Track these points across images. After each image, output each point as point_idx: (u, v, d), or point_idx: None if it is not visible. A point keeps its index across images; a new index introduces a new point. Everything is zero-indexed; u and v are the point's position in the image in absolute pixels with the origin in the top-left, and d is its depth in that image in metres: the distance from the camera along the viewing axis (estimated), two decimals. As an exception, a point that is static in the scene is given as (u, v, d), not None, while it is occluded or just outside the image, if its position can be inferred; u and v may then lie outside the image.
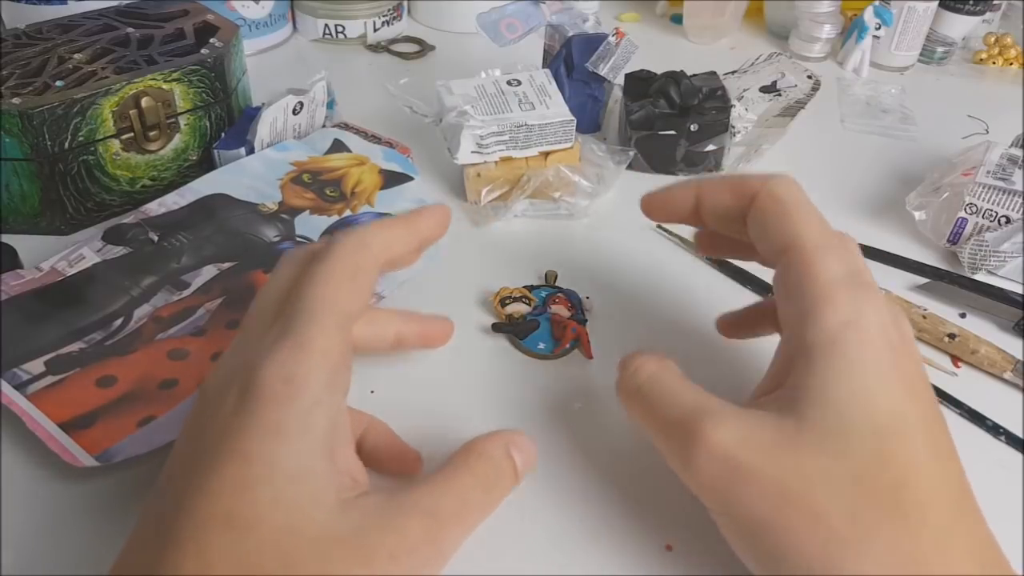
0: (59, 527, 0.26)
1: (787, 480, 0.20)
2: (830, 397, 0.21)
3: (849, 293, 0.22)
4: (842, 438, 0.20)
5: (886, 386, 0.21)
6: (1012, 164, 0.40)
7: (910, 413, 0.21)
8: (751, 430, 0.21)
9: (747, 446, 0.21)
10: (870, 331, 0.22)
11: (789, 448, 0.21)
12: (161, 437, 0.28)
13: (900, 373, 0.22)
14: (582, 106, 0.47)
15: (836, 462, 0.20)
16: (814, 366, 0.21)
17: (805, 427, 0.21)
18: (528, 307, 0.35)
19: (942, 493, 0.20)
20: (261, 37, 0.57)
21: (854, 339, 0.21)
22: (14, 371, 0.29)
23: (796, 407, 0.21)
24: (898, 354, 0.22)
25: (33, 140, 0.35)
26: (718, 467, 0.21)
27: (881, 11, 0.59)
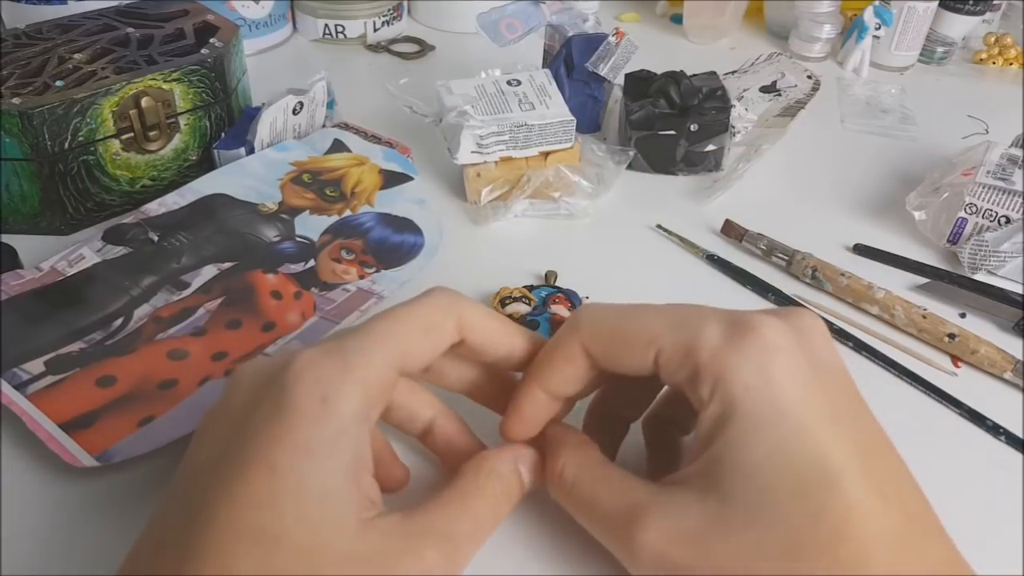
0: (59, 527, 0.26)
1: (724, 567, 0.20)
2: (747, 466, 0.20)
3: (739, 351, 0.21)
4: (768, 507, 0.20)
5: (804, 436, 0.20)
6: (1012, 164, 0.40)
7: (836, 455, 0.20)
8: (678, 522, 0.21)
9: (677, 542, 0.20)
10: (777, 383, 0.20)
11: (718, 533, 0.20)
12: (161, 437, 0.28)
13: (819, 413, 0.20)
14: (582, 106, 0.47)
15: (766, 534, 0.19)
16: (729, 439, 0.20)
17: (728, 505, 0.20)
18: (528, 307, 0.35)
19: (883, 532, 0.19)
20: (261, 37, 0.57)
21: (760, 399, 0.20)
22: (14, 371, 0.29)
23: (716, 483, 0.20)
24: (812, 392, 0.21)
25: (33, 140, 0.35)
26: (655, 568, 0.21)
27: (881, 11, 0.59)
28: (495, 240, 0.40)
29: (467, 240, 0.40)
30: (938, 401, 0.33)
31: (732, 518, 0.20)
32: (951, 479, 0.29)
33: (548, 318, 0.35)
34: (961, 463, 0.30)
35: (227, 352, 0.31)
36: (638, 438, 0.27)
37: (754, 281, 0.38)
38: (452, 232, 0.40)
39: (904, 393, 0.33)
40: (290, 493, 0.19)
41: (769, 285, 0.38)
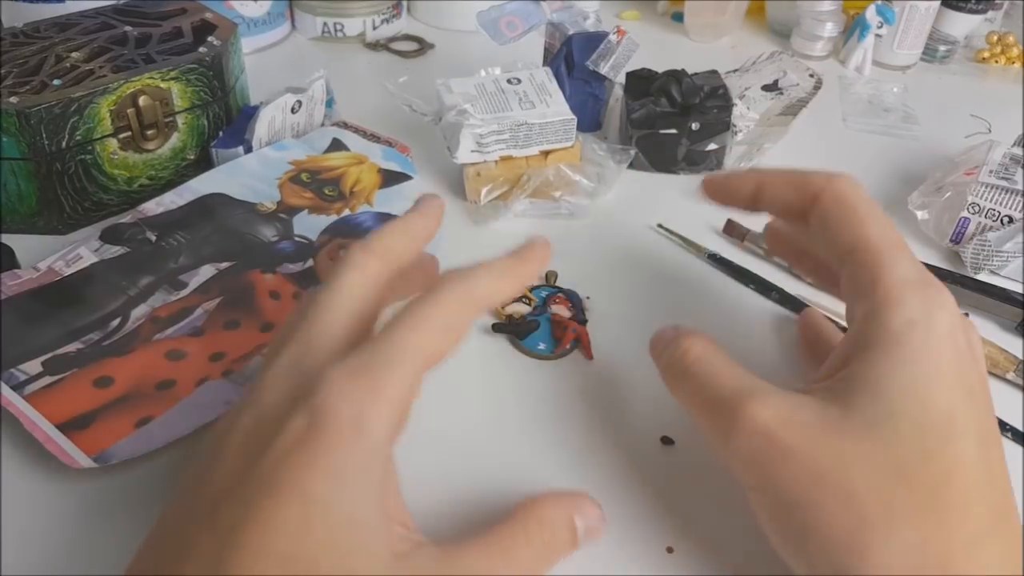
0: (56, 528, 0.25)
1: (825, 461, 0.20)
2: (883, 389, 0.21)
3: (920, 293, 0.22)
4: (888, 428, 0.20)
5: (943, 386, 0.21)
6: (1015, 163, 0.40)
7: (963, 416, 0.21)
8: (794, 411, 0.21)
9: (788, 425, 0.21)
10: (936, 332, 0.22)
11: (830, 431, 0.21)
12: (159, 438, 0.27)
13: (960, 377, 0.21)
14: (583, 105, 0.47)
15: (878, 450, 0.20)
16: (872, 359, 0.22)
17: (850, 413, 0.21)
18: (528, 307, 0.35)
19: (984, 498, 0.20)
20: (259, 35, 0.57)
21: (918, 337, 0.21)
22: (11, 371, 0.29)
23: (845, 396, 0.21)
24: (962, 359, 0.22)
25: (30, 139, 0.35)
26: (757, 443, 0.21)
27: (883, 9, 0.59)
28: (495, 240, 0.40)
29: (467, 240, 0.40)
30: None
31: (850, 425, 0.21)
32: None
33: (548, 318, 0.35)
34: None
35: (225, 352, 0.31)
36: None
37: (757, 281, 0.38)
38: (452, 232, 0.40)
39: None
40: (320, 519, 0.18)
41: (772, 284, 0.38)
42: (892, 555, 0.19)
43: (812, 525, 0.20)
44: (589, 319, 0.35)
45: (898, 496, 0.20)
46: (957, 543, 0.19)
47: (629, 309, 0.36)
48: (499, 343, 0.34)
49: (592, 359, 0.33)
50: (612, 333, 0.35)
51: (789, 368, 0.34)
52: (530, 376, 0.32)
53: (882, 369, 0.21)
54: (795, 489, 0.21)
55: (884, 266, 0.23)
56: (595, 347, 0.34)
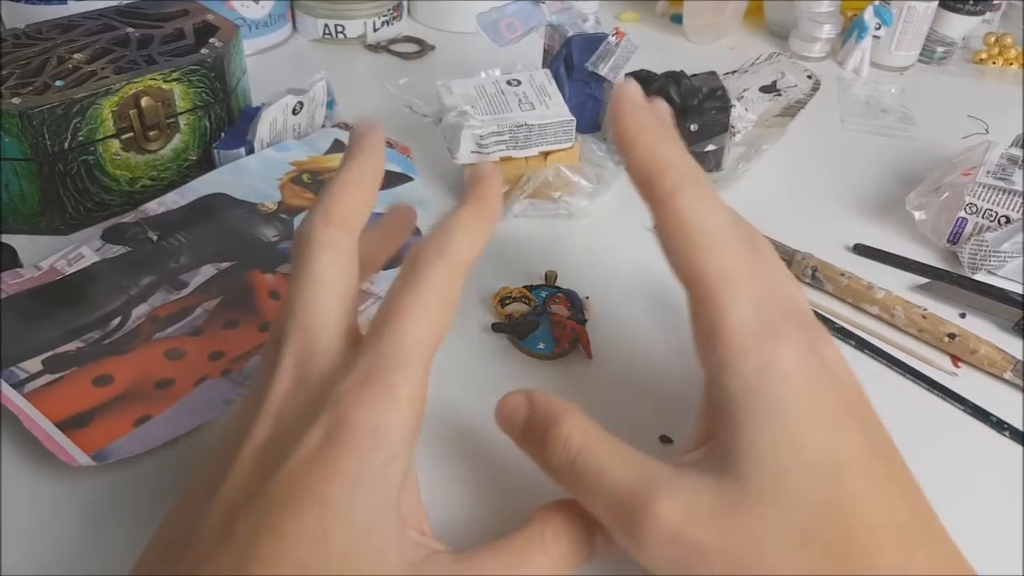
0: (54, 526, 0.26)
1: (738, 549, 0.20)
2: (759, 449, 0.20)
3: (758, 338, 0.21)
4: (781, 492, 0.20)
5: (811, 427, 0.20)
6: (1012, 164, 0.40)
7: (841, 450, 0.20)
8: (695, 499, 0.20)
9: (695, 519, 0.20)
10: (785, 373, 0.21)
11: (733, 514, 0.20)
12: (157, 437, 0.28)
13: (825, 409, 0.21)
14: (582, 106, 0.47)
15: (780, 519, 0.20)
16: (737, 419, 0.21)
17: (743, 486, 0.20)
18: (528, 307, 0.35)
19: (890, 527, 0.20)
20: (261, 37, 0.57)
21: (770, 386, 0.20)
22: (11, 369, 0.29)
23: (731, 465, 0.20)
24: (818, 387, 0.21)
25: (33, 140, 0.35)
26: (670, 546, 0.20)
27: (881, 11, 0.59)
28: (495, 240, 0.40)
29: (466, 240, 0.40)
30: (941, 398, 0.33)
31: (749, 499, 0.20)
32: (954, 476, 0.29)
33: (548, 318, 0.35)
34: (963, 460, 0.30)
35: (224, 352, 0.31)
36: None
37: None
38: (451, 232, 0.40)
39: (906, 390, 0.33)
40: (338, 527, 0.18)
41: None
42: None
43: None
44: (589, 319, 0.35)
45: (813, 563, 0.19)
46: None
47: (628, 309, 0.36)
48: (499, 343, 0.34)
49: (592, 358, 0.33)
50: (612, 333, 0.35)
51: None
52: (530, 376, 0.32)
53: (750, 429, 0.20)
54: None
55: (721, 311, 0.21)
56: (595, 347, 0.34)
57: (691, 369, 0.26)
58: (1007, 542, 0.27)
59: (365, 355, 0.20)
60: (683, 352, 0.34)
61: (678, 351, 0.34)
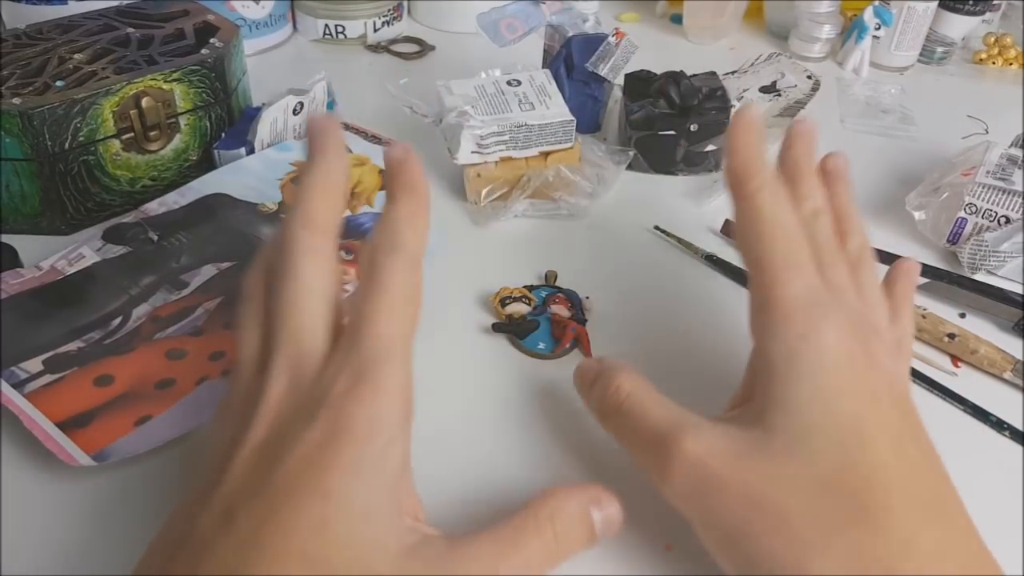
0: (55, 526, 0.26)
1: (756, 487, 0.21)
2: (791, 404, 0.22)
3: (807, 310, 0.23)
4: (806, 443, 0.21)
5: (844, 395, 0.22)
6: (1012, 164, 0.40)
7: (870, 421, 0.22)
8: (722, 441, 0.22)
9: (719, 456, 0.22)
10: (825, 343, 0.22)
11: (757, 456, 0.22)
12: (157, 437, 0.28)
13: (858, 383, 0.22)
14: (582, 106, 0.47)
15: (802, 467, 0.21)
16: (775, 377, 0.22)
17: (771, 435, 0.22)
18: (528, 307, 0.35)
19: (908, 496, 0.21)
20: (261, 37, 0.57)
21: (809, 350, 0.22)
22: (12, 369, 0.29)
23: (762, 417, 0.22)
24: (856, 367, 0.22)
25: (33, 140, 0.35)
26: (693, 477, 0.22)
27: (881, 11, 0.59)
28: (495, 240, 0.40)
29: (467, 240, 0.40)
30: (941, 398, 0.33)
31: (774, 447, 0.22)
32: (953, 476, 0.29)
33: (548, 318, 0.35)
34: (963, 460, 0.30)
35: (225, 352, 0.31)
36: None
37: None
38: (452, 232, 0.40)
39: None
40: (341, 515, 0.19)
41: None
42: (832, 569, 0.20)
43: (756, 552, 0.21)
44: (589, 319, 0.35)
45: (826, 511, 0.20)
46: (892, 544, 0.20)
47: (628, 309, 0.36)
48: (499, 343, 0.34)
49: (592, 358, 0.33)
50: (611, 333, 0.35)
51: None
52: (530, 376, 0.33)
53: (786, 387, 0.22)
54: (734, 518, 0.21)
55: (777, 284, 0.23)
56: (595, 346, 0.34)
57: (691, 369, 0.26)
58: (1007, 542, 0.27)
59: (352, 358, 0.21)
60: (683, 352, 0.34)
61: (678, 351, 0.34)
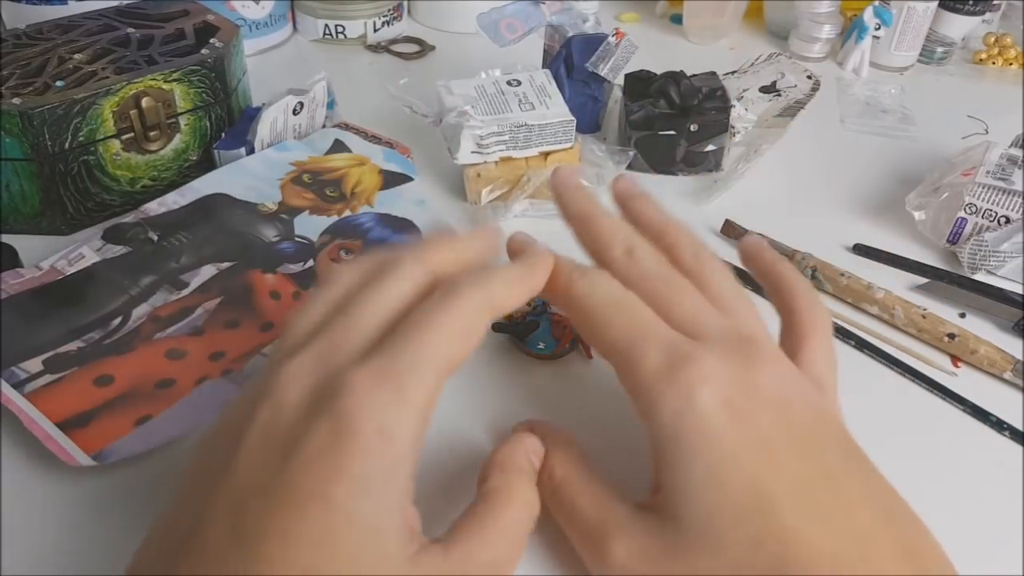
0: (55, 526, 0.26)
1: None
2: (688, 491, 0.21)
3: (670, 382, 0.22)
4: (712, 530, 0.21)
5: (734, 462, 0.21)
6: (1012, 164, 0.40)
7: (768, 480, 0.21)
8: (644, 542, 0.22)
9: (642, 561, 0.21)
10: (702, 409, 0.21)
11: (675, 554, 0.21)
12: (158, 437, 0.28)
13: (749, 440, 0.21)
14: (582, 106, 0.47)
15: (716, 559, 0.20)
16: (668, 464, 0.22)
17: (680, 529, 0.21)
18: (528, 307, 0.35)
19: (827, 556, 0.20)
20: (261, 37, 0.57)
21: (689, 424, 0.21)
22: (12, 369, 0.29)
23: (670, 508, 0.22)
24: (745, 419, 0.21)
25: (33, 140, 0.35)
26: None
27: (881, 11, 0.59)
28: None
29: (466, 240, 0.40)
30: (941, 398, 0.33)
31: (686, 543, 0.21)
32: (953, 476, 0.29)
33: (548, 318, 0.35)
34: (963, 460, 0.30)
35: (225, 352, 0.31)
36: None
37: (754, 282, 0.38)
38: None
39: (906, 391, 0.33)
40: (344, 529, 0.18)
41: (769, 285, 0.38)
42: None
43: None
44: (588, 319, 0.35)
45: None
46: None
47: (628, 309, 0.36)
48: (499, 343, 0.34)
49: (592, 358, 0.33)
50: (611, 333, 0.35)
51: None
52: (530, 376, 0.33)
53: (680, 472, 0.21)
54: None
55: (632, 365, 0.22)
56: (594, 346, 0.34)
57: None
58: (1007, 542, 0.27)
59: (382, 354, 0.20)
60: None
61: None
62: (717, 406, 0.21)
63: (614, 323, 0.23)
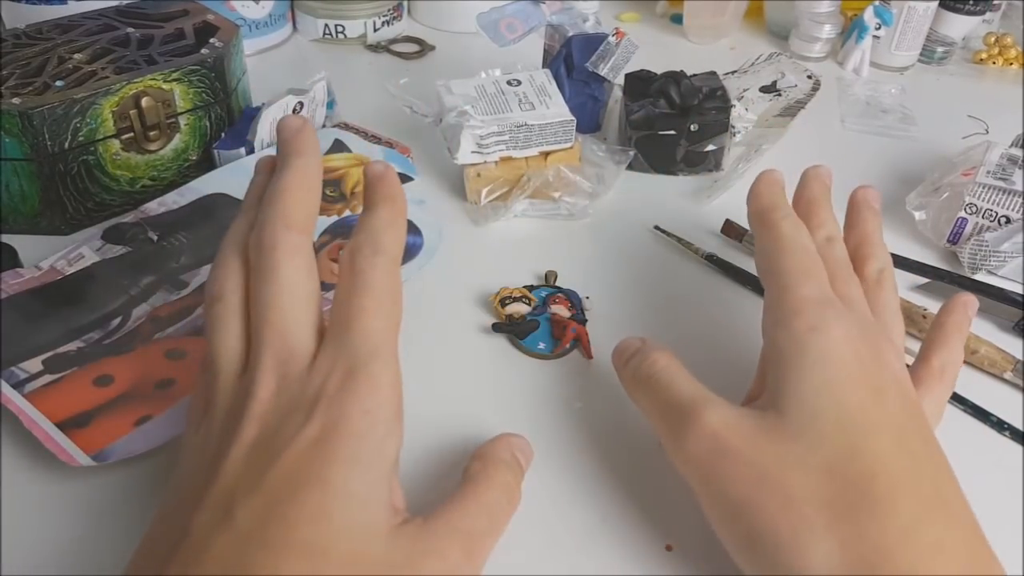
0: (55, 526, 0.26)
1: (766, 464, 0.22)
2: (800, 391, 0.23)
3: (817, 307, 0.25)
4: (813, 428, 0.22)
5: (851, 386, 0.23)
6: (1012, 164, 0.40)
7: (874, 413, 0.23)
8: (739, 418, 0.24)
9: (734, 430, 0.23)
10: (833, 337, 0.24)
11: (769, 435, 0.23)
12: (157, 437, 0.28)
13: (864, 378, 0.23)
14: (582, 106, 0.47)
15: (809, 450, 0.22)
16: (785, 366, 0.24)
17: (782, 418, 0.23)
18: (528, 307, 0.35)
19: (910, 488, 0.21)
20: (261, 37, 0.57)
21: (819, 343, 0.24)
22: (12, 370, 0.29)
23: (775, 403, 0.24)
24: (863, 362, 0.24)
25: (33, 140, 0.35)
26: (707, 445, 0.23)
27: (881, 11, 0.59)
28: (495, 240, 0.40)
29: (467, 240, 0.40)
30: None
31: (784, 429, 0.23)
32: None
33: (548, 318, 0.35)
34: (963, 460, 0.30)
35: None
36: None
37: (754, 281, 0.38)
38: (452, 232, 0.40)
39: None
40: (339, 504, 0.20)
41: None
42: (831, 553, 0.20)
43: (757, 528, 0.22)
44: (589, 319, 0.35)
45: (830, 495, 0.21)
46: (890, 533, 0.20)
47: (628, 309, 0.36)
48: (499, 343, 0.34)
49: (592, 358, 0.33)
50: (612, 333, 0.35)
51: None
52: (530, 376, 0.32)
53: (797, 375, 0.23)
54: (742, 492, 0.22)
55: (790, 287, 0.26)
56: (595, 346, 0.34)
57: (691, 369, 0.26)
58: (1007, 542, 0.27)
59: (342, 354, 0.22)
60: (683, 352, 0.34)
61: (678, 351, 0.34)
62: (846, 343, 0.24)
63: (794, 256, 0.27)
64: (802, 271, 0.26)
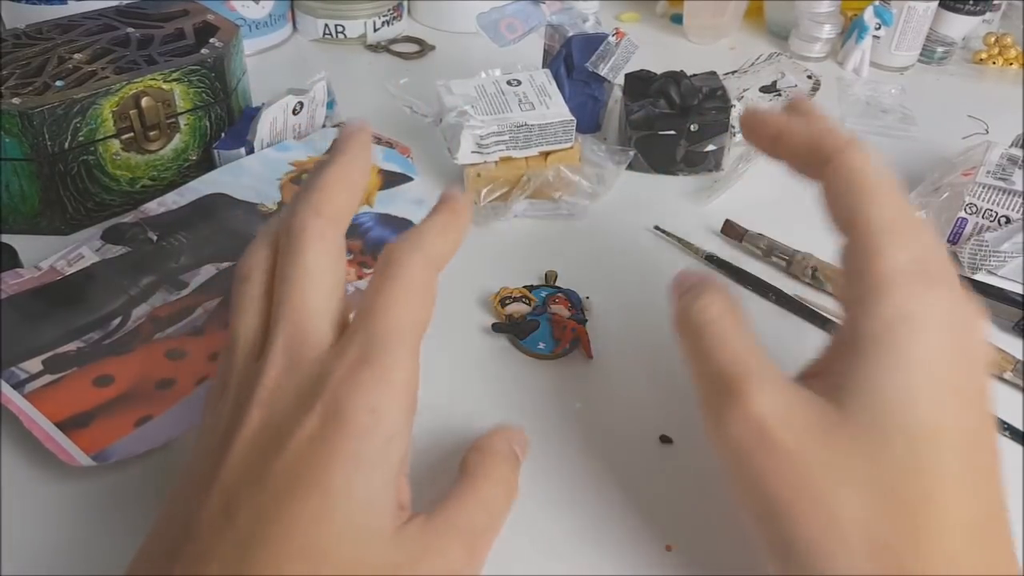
0: (55, 527, 0.26)
1: (814, 472, 0.20)
2: (874, 394, 0.20)
3: (912, 285, 0.20)
4: (877, 440, 0.20)
5: (933, 392, 0.20)
6: (1012, 164, 0.40)
7: (952, 427, 0.20)
8: (794, 408, 0.20)
9: (784, 422, 0.20)
10: (928, 329, 0.20)
11: (825, 438, 0.20)
12: (158, 437, 0.28)
13: (953, 380, 0.20)
14: (582, 106, 0.47)
15: (866, 465, 0.20)
16: (863, 357, 0.20)
17: (844, 419, 0.20)
18: (528, 307, 0.35)
19: (965, 516, 0.20)
20: (261, 37, 0.57)
21: (908, 335, 0.20)
22: (12, 370, 0.29)
23: (840, 395, 0.20)
24: (956, 359, 0.20)
25: (33, 140, 0.35)
26: (751, 433, 0.20)
27: (881, 11, 0.59)
28: (495, 240, 0.40)
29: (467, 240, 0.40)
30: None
31: (844, 433, 0.20)
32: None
33: (548, 318, 0.35)
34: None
35: (226, 352, 0.31)
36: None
37: (754, 281, 0.38)
38: (452, 232, 0.40)
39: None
40: (339, 507, 0.19)
41: (769, 285, 0.38)
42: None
43: (790, 536, 0.20)
44: (589, 319, 0.35)
45: (878, 518, 0.19)
46: (933, 563, 0.19)
47: (628, 309, 0.36)
48: (499, 343, 0.34)
49: (592, 358, 0.33)
50: (612, 333, 0.35)
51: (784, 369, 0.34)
52: (530, 376, 0.32)
53: (873, 371, 0.20)
54: (780, 493, 0.20)
55: (879, 251, 0.21)
56: (595, 346, 0.34)
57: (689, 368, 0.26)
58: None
59: (355, 341, 0.21)
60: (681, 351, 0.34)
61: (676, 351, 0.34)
62: (943, 331, 0.20)
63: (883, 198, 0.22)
64: (892, 220, 0.21)
